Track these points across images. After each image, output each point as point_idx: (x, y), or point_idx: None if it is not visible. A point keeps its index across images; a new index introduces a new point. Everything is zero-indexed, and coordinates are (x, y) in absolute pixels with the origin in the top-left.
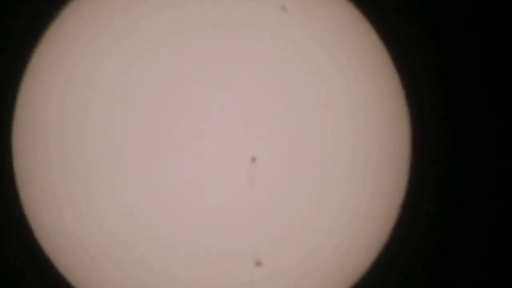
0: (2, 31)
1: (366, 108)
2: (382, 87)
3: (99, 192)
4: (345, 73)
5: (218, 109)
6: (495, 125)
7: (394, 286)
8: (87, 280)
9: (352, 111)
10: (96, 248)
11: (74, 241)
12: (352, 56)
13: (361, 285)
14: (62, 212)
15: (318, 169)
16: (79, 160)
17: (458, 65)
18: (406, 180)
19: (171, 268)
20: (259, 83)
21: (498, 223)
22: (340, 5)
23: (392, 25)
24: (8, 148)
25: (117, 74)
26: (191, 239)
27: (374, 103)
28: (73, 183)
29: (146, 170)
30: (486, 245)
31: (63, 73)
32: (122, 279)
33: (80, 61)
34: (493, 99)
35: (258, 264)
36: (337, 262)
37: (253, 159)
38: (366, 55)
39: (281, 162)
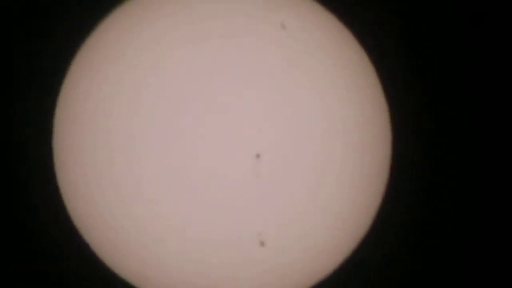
0: (46, 35)
1: (354, 114)
2: (366, 94)
3: (127, 184)
4: (336, 83)
5: (228, 114)
6: (474, 130)
7: (378, 262)
8: (116, 256)
9: (342, 116)
10: (123, 232)
11: (107, 226)
12: (341, 68)
13: (348, 264)
14: (96, 201)
15: (313, 165)
16: (108, 157)
17: (438, 78)
18: (387, 174)
19: (187, 248)
20: (263, 90)
21: (478, 218)
22: (331, 23)
23: (379, 45)
24: (49, 147)
25: (142, 80)
26: (205, 223)
27: (361, 109)
28: (104, 176)
29: (167, 165)
30: (465, 239)
31: (98, 79)
32: (144, 258)
33: (114, 69)
34: (472, 108)
35: (262, 244)
36: (328, 242)
37: (258, 156)
38: (353, 68)
39: (281, 158)
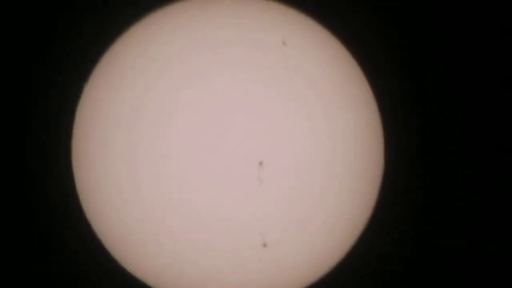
0: (65, 49)
1: (348, 124)
2: (359, 104)
3: (148, 186)
4: (331, 97)
5: (236, 128)
6: (464, 131)
7: (373, 261)
8: (130, 249)
9: (336, 126)
10: (138, 234)
11: (122, 227)
12: (336, 83)
13: (345, 262)
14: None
15: (310, 171)
16: (129, 161)
17: (429, 92)
18: (380, 178)
19: (196, 247)
20: (264, 103)
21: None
22: (327, 39)
23: (371, 57)
24: (68, 149)
25: (165, 100)
26: (214, 224)
27: (354, 119)
28: (124, 179)
29: (183, 171)
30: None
31: (120, 91)
32: (155, 254)
33: (134, 83)
34: (463, 118)
35: (265, 245)
36: (326, 242)
37: (261, 164)
38: (347, 81)
39: (281, 165)
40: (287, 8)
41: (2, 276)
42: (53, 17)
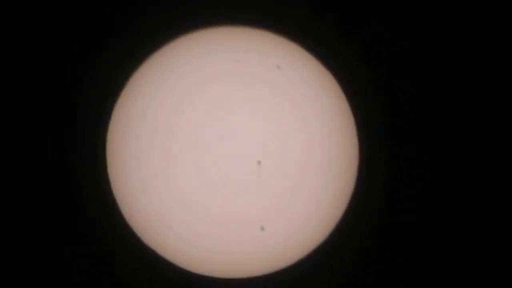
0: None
1: (328, 130)
2: (337, 115)
3: (164, 181)
4: (315, 110)
5: (238, 133)
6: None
7: (352, 240)
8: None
9: (319, 132)
10: (165, 218)
11: (152, 213)
12: (320, 99)
13: (328, 242)
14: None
15: (299, 169)
16: (151, 158)
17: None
18: (356, 172)
19: (205, 229)
20: (263, 115)
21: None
22: (311, 63)
23: (352, 80)
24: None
25: (179, 109)
26: (219, 212)
27: (332, 127)
28: (151, 176)
29: (196, 169)
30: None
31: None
32: (177, 231)
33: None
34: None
35: (262, 229)
36: (313, 225)
37: (259, 162)
38: (329, 100)
39: (276, 164)
40: (279, 37)
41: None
42: (95, 39)
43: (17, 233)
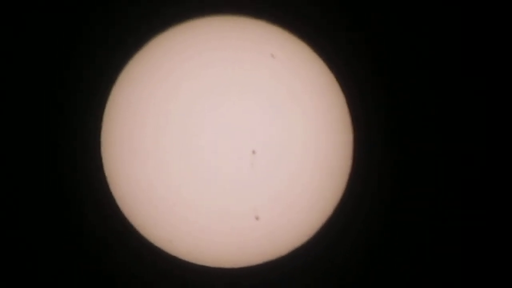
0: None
1: (323, 121)
2: (331, 106)
3: (158, 171)
4: (309, 98)
5: (233, 123)
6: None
7: (346, 231)
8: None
9: (314, 122)
10: (160, 204)
11: (145, 201)
12: (314, 87)
13: (322, 231)
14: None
15: (293, 158)
16: (144, 149)
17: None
18: (349, 164)
19: (201, 220)
20: (257, 105)
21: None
22: (306, 52)
23: (345, 70)
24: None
25: (173, 98)
26: (215, 202)
27: (327, 117)
28: (144, 166)
29: (189, 158)
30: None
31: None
32: (170, 225)
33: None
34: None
35: (257, 218)
36: (306, 215)
37: (254, 152)
38: (322, 86)
39: (270, 153)
40: (274, 26)
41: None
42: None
43: (10, 228)
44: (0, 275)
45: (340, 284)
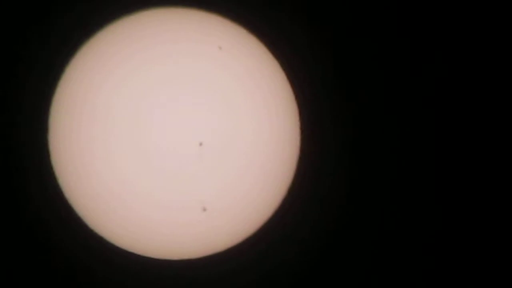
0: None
1: (269, 113)
2: (278, 98)
3: (105, 164)
4: (256, 90)
5: (180, 114)
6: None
7: (290, 224)
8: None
9: (260, 114)
10: (103, 198)
11: (92, 194)
12: (260, 79)
13: (269, 224)
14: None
15: (240, 150)
16: (92, 143)
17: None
18: (296, 155)
19: (147, 212)
20: (204, 96)
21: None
22: (253, 44)
23: (291, 60)
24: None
25: (119, 90)
26: (162, 193)
27: (274, 109)
28: (89, 156)
29: (136, 151)
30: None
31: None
32: (117, 217)
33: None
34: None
35: (204, 209)
36: (253, 207)
37: (201, 144)
38: (270, 79)
39: (218, 145)
40: (221, 18)
41: None
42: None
43: None
44: None
45: (289, 276)
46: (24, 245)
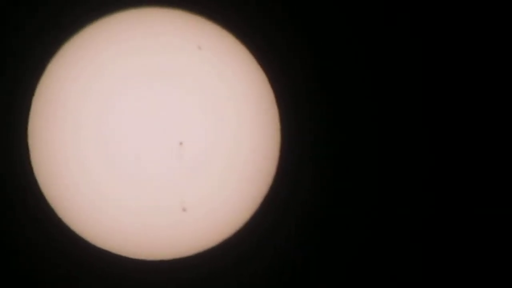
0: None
1: (251, 115)
2: (259, 99)
3: (80, 167)
4: (236, 91)
5: (160, 113)
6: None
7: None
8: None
9: (241, 115)
10: (83, 201)
11: (74, 199)
12: (240, 79)
13: (249, 224)
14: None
15: (221, 151)
16: (72, 147)
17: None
18: (277, 157)
19: (127, 213)
20: (185, 96)
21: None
22: (233, 44)
23: (269, 57)
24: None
25: (96, 88)
26: (141, 194)
27: (255, 111)
28: (69, 161)
29: (114, 152)
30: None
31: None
32: (97, 220)
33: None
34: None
35: (184, 209)
36: (233, 208)
37: (181, 143)
38: (250, 78)
39: (198, 145)
40: (201, 18)
41: None
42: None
43: None
44: None
45: (269, 277)
46: (6, 253)
